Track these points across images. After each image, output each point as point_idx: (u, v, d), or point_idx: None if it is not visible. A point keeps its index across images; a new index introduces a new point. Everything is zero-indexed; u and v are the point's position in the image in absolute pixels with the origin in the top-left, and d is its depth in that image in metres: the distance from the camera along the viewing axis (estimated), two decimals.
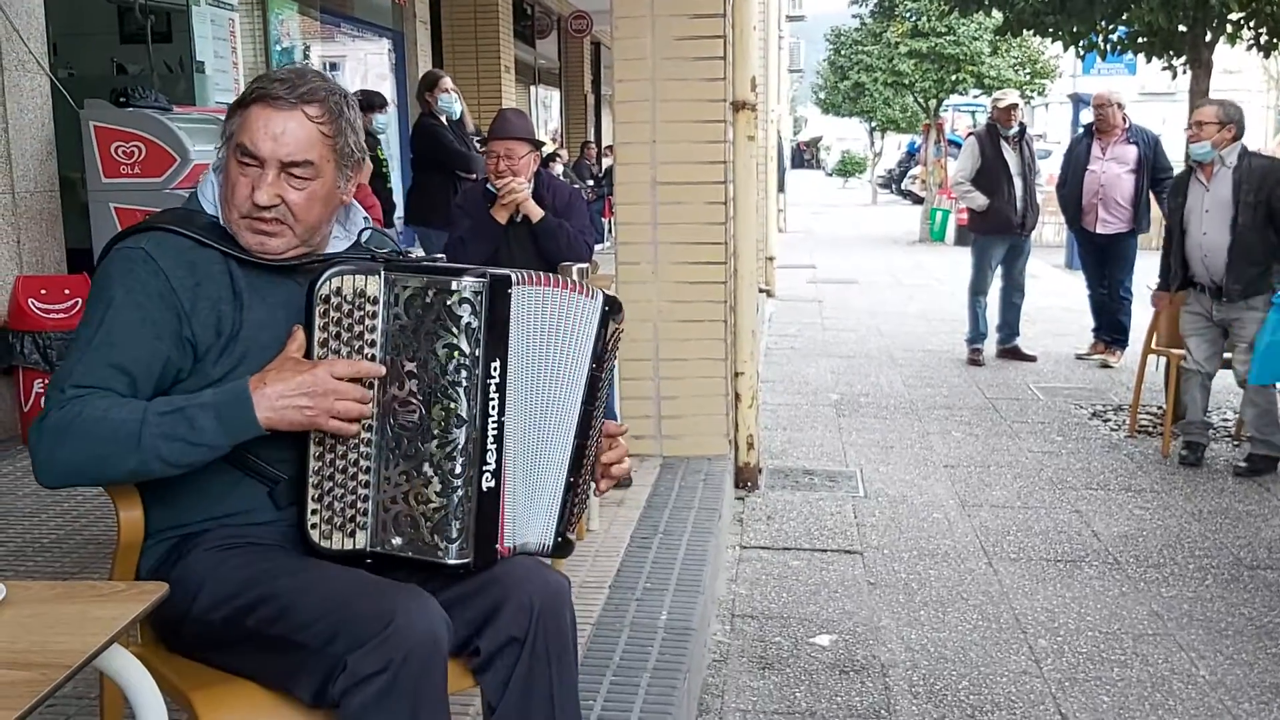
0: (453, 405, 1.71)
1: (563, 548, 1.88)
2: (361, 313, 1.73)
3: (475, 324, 1.70)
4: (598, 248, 4.44)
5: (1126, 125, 7.59)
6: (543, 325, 1.79)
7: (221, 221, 1.82)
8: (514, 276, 1.75)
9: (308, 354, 1.73)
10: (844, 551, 4.29)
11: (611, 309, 1.86)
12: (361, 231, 1.94)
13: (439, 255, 1.97)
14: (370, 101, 6.78)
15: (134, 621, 1.35)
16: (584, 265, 3.95)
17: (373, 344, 1.73)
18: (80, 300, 4.79)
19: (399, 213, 7.32)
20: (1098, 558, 4.23)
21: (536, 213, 4.06)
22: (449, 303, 1.70)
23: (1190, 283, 5.40)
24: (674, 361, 4.70)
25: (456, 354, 1.70)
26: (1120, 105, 7.59)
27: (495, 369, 1.73)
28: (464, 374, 1.70)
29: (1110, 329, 7.89)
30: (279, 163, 1.76)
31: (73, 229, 5.37)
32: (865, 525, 4.59)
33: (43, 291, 4.77)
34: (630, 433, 4.87)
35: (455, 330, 1.70)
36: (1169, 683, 3.24)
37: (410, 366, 1.71)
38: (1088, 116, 13.95)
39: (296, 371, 1.68)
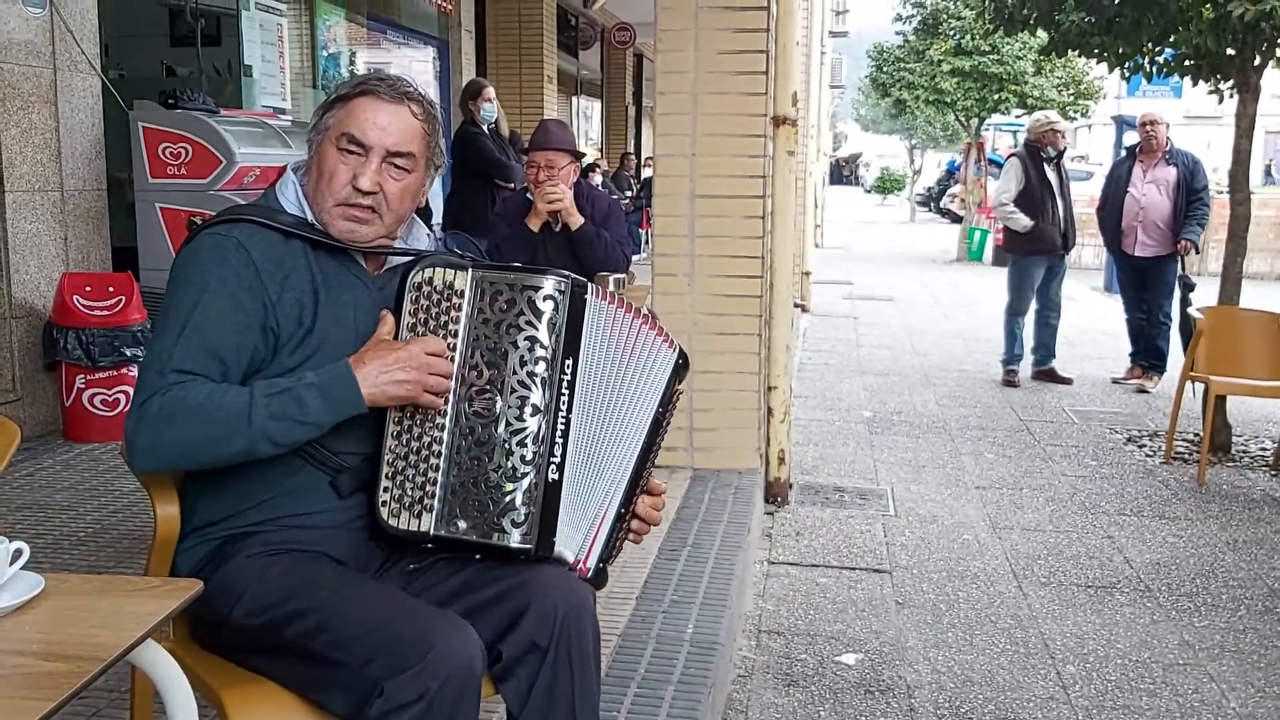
0: (529, 394, 1.79)
1: (598, 577, 1.91)
2: (448, 304, 1.81)
3: (558, 320, 1.80)
4: (634, 258, 4.45)
5: (1168, 147, 7.54)
6: (613, 344, 1.86)
7: (309, 218, 1.88)
8: (590, 286, 1.84)
9: (395, 337, 1.81)
10: (873, 570, 4.27)
11: (684, 363, 1.94)
12: (446, 237, 2.05)
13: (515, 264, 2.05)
14: None
15: (168, 618, 1.37)
16: (620, 275, 3.97)
17: (454, 334, 1.81)
18: (124, 298, 4.86)
19: (436, 219, 7.37)
20: (1129, 585, 4.18)
21: (577, 220, 4.07)
22: (534, 297, 1.79)
23: None
24: (707, 374, 4.70)
25: (538, 346, 1.79)
26: (1166, 125, 7.54)
27: (568, 367, 1.81)
28: (542, 365, 1.80)
29: (1148, 354, 7.81)
30: (385, 151, 1.84)
31: (118, 227, 5.46)
32: (895, 544, 4.56)
33: (88, 288, 4.84)
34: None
35: (538, 323, 1.79)
36: (1198, 714, 3.20)
37: (490, 357, 1.80)
38: (1131, 139, 13.81)
39: (391, 349, 1.76)
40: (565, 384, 1.81)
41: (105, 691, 2.52)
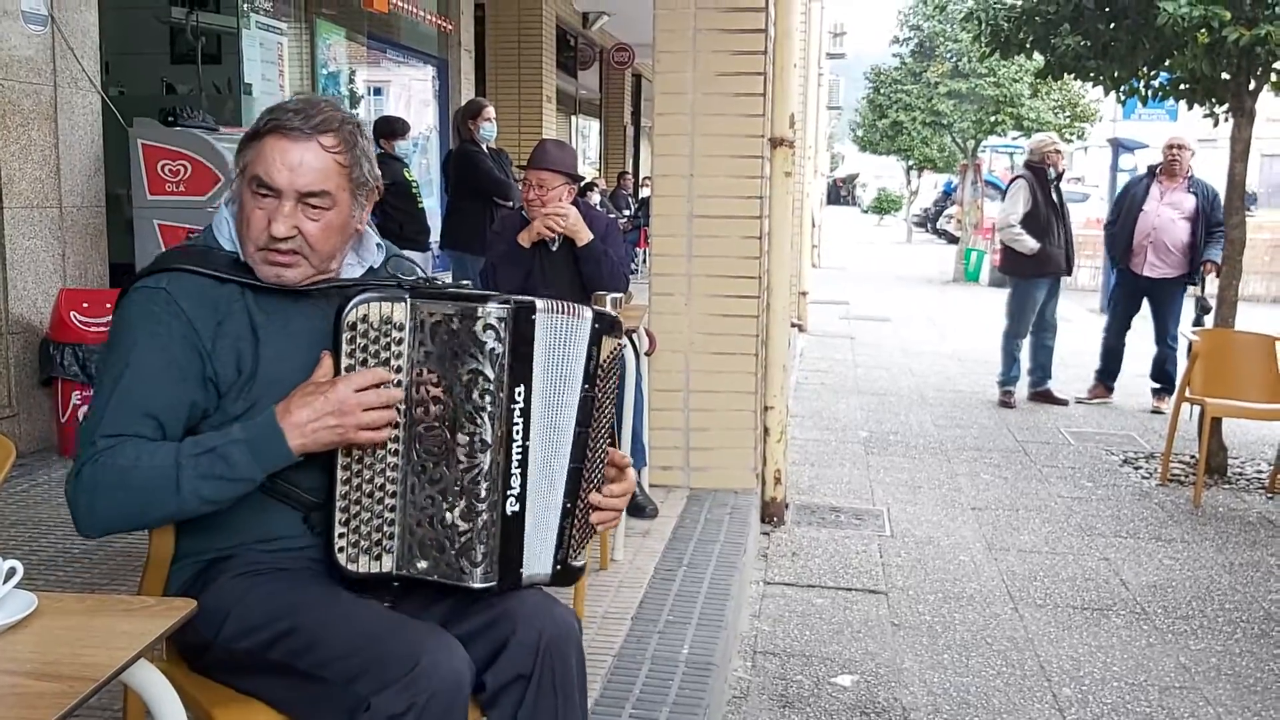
0: (477, 430, 1.71)
1: (563, 575, 1.85)
2: (388, 339, 1.73)
3: (500, 350, 1.71)
4: (631, 278, 4.46)
5: (1188, 174, 7.57)
6: (550, 349, 1.78)
7: (242, 256, 1.82)
8: (539, 304, 1.76)
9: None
10: (868, 591, 4.26)
11: (602, 326, 1.83)
12: (389, 259, 1.94)
13: (466, 281, 1.93)
14: (393, 129, 6.97)
15: (161, 637, 1.37)
16: (618, 295, 3.97)
17: (398, 369, 1.73)
18: None
19: (434, 237, 7.38)
20: (1125, 607, 4.18)
21: (585, 236, 4.06)
22: (474, 329, 1.70)
23: None
24: (704, 393, 4.71)
25: (481, 379, 1.71)
26: (1192, 152, 7.58)
27: (520, 394, 1.74)
28: (488, 399, 1.71)
29: (1158, 376, 7.81)
30: (296, 193, 1.76)
31: (116, 244, 5.47)
32: (891, 565, 4.56)
33: (85, 305, 4.84)
34: (658, 464, 4.88)
35: (480, 356, 1.71)
36: None
37: (436, 392, 1.73)
38: (1127, 161, 13.83)
39: (318, 393, 1.68)
40: (518, 413, 1.73)
41: (98, 709, 2.51)
